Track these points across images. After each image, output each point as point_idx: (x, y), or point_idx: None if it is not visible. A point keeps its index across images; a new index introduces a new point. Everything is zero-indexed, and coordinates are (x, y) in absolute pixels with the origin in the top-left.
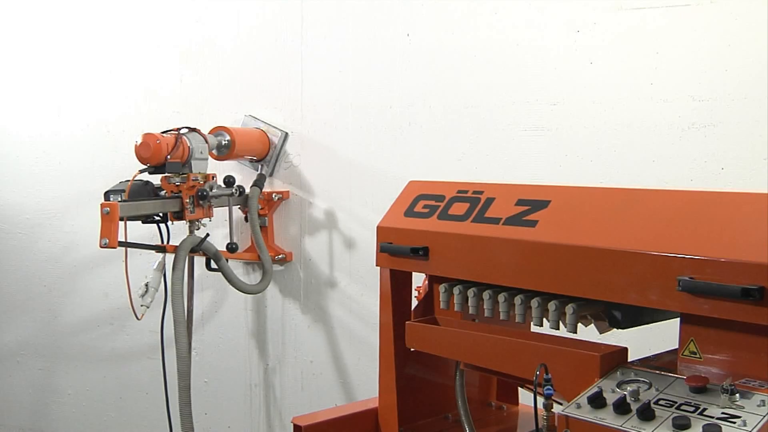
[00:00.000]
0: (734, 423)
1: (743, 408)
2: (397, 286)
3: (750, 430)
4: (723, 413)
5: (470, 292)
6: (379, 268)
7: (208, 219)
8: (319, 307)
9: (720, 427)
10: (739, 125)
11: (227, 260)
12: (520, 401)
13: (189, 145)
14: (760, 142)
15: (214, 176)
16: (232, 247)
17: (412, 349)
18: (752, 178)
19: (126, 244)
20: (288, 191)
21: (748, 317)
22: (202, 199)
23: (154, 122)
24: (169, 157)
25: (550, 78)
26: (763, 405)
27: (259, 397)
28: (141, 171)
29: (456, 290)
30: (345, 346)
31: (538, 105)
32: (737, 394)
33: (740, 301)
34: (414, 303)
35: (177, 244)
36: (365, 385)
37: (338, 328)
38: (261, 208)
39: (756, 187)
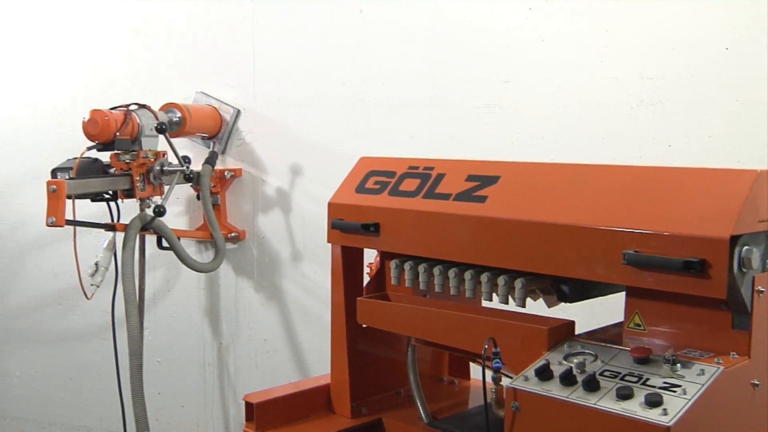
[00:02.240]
0: (675, 392)
1: (684, 377)
2: (348, 262)
3: (689, 398)
4: (664, 383)
5: (421, 268)
6: (331, 245)
7: (158, 197)
8: (273, 285)
9: (661, 396)
10: (686, 103)
11: (179, 238)
12: (471, 376)
13: (139, 121)
14: (706, 119)
15: (164, 153)
16: (159, 211)
17: (364, 326)
18: (698, 155)
19: (74, 223)
20: (240, 169)
21: (690, 289)
22: (161, 132)
23: (103, 99)
24: (118, 134)
25: (502, 55)
26: (702, 374)
27: (213, 375)
28: (89, 148)
29: (407, 266)
30: (299, 324)
31: (490, 82)
32: (678, 364)
33: (682, 273)
34: (366, 279)
35: (127, 223)
36: (319, 362)
37: (292, 305)
38: (213, 186)
39: (702, 163)
